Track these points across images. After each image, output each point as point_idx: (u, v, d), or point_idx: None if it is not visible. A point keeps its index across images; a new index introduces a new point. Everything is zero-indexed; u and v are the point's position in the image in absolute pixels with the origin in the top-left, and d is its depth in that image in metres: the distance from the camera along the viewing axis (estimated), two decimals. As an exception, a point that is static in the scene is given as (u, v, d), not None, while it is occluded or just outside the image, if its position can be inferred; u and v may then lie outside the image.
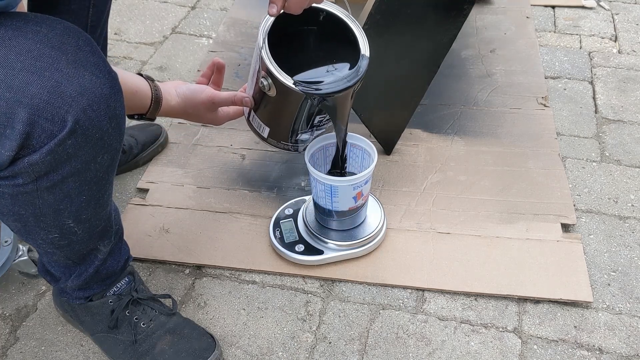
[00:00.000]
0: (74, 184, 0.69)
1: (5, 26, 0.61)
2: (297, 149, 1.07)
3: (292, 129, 1.01)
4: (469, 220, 1.13)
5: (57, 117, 0.61)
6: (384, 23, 1.05)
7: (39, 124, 0.61)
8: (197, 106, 0.98)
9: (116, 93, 0.67)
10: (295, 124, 0.99)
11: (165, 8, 1.80)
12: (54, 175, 0.66)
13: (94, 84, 0.64)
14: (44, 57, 0.61)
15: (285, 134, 1.03)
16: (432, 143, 1.30)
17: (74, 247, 0.80)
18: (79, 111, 0.62)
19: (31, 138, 0.61)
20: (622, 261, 1.07)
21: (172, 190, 1.20)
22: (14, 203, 0.69)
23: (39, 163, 0.63)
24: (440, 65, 1.17)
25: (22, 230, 0.75)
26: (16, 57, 0.60)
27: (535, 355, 0.94)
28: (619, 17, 1.75)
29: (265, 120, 1.02)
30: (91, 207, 0.75)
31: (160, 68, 1.55)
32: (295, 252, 1.04)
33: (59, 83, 0.61)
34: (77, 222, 0.75)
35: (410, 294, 1.02)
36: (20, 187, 0.66)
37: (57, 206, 0.70)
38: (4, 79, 0.59)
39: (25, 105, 0.60)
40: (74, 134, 0.63)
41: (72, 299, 0.90)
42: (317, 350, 0.95)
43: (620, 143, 1.32)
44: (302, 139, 1.04)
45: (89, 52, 0.65)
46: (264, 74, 0.90)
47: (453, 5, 1.09)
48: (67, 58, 0.62)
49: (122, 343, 0.90)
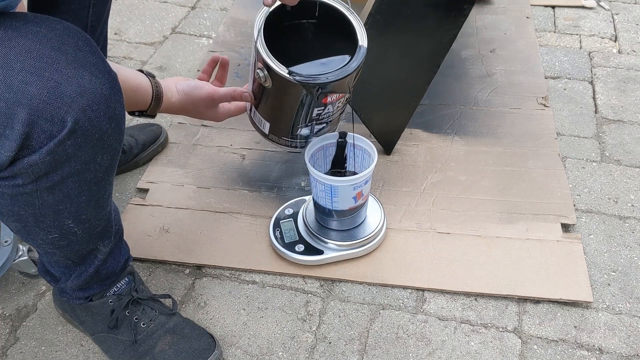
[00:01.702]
0: (74, 185, 0.69)
1: (4, 26, 0.61)
2: (298, 146, 1.06)
3: (292, 123, 1.00)
4: (469, 220, 1.13)
5: (57, 117, 0.61)
6: (384, 23, 1.05)
7: (38, 125, 0.61)
8: (197, 102, 0.97)
9: (116, 93, 0.67)
10: (294, 117, 0.98)
11: (165, 8, 1.80)
12: (54, 175, 0.66)
13: (94, 84, 0.63)
14: (43, 58, 0.61)
15: (285, 129, 1.02)
16: (432, 143, 1.30)
17: (73, 248, 0.80)
18: (79, 111, 0.62)
19: (31, 138, 0.61)
20: (622, 261, 1.07)
21: (172, 190, 1.20)
22: (14, 203, 0.69)
23: (38, 163, 0.63)
24: (440, 65, 1.17)
25: (22, 230, 0.75)
26: (16, 57, 0.60)
27: (535, 355, 0.94)
28: (619, 17, 1.75)
29: (265, 115, 1.02)
30: (91, 207, 0.75)
31: (160, 68, 1.55)
32: (295, 252, 1.04)
33: (59, 83, 0.61)
34: (77, 222, 0.75)
35: (410, 294, 1.02)
36: (20, 188, 0.66)
37: (56, 207, 0.70)
38: (4, 79, 0.59)
39: (25, 105, 0.60)
40: (73, 135, 0.63)
41: (72, 299, 0.90)
42: (317, 350, 0.95)
43: (620, 143, 1.32)
44: (303, 134, 1.03)
45: (89, 52, 0.65)
46: (260, 66, 0.90)
47: (453, 5, 1.09)
48: (66, 58, 0.62)
49: (122, 343, 0.90)
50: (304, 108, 0.95)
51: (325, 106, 0.96)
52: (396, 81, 1.16)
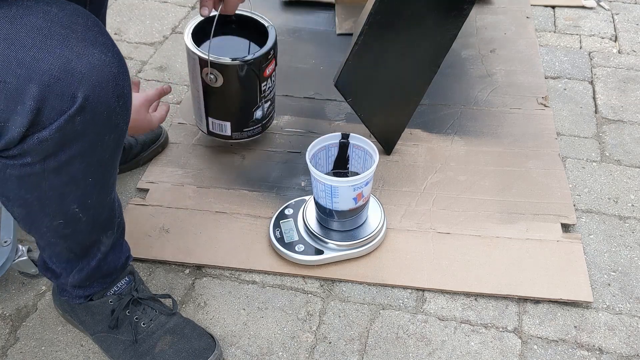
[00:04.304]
0: (81, 165, 0.70)
1: (16, 5, 0.62)
2: (256, 133, 1.23)
3: (248, 108, 1.17)
4: (469, 220, 1.13)
5: (67, 93, 0.62)
6: (384, 23, 1.05)
7: (49, 101, 0.62)
8: (138, 109, 1.06)
9: (124, 73, 0.68)
10: (249, 100, 1.15)
11: (165, 8, 1.80)
12: (62, 154, 0.67)
13: (103, 62, 0.65)
14: (54, 35, 0.62)
15: (244, 119, 1.19)
16: (432, 143, 1.30)
17: (77, 237, 0.80)
18: (89, 88, 0.64)
19: (41, 114, 0.62)
20: (622, 261, 1.07)
21: (172, 190, 1.20)
22: (20, 186, 0.70)
23: (48, 140, 0.64)
24: (440, 65, 1.17)
25: (26, 218, 0.76)
26: (27, 34, 0.61)
27: (535, 355, 0.94)
28: (619, 17, 1.75)
29: (223, 116, 1.18)
30: (96, 192, 0.76)
31: (160, 68, 1.55)
32: (295, 252, 1.04)
33: (69, 60, 0.62)
34: (82, 207, 0.75)
35: (410, 294, 1.02)
36: (28, 168, 0.67)
37: (62, 189, 0.71)
38: (15, 55, 0.60)
39: (36, 81, 0.61)
40: (83, 111, 0.64)
41: (72, 298, 0.90)
42: (317, 350, 0.95)
43: (620, 143, 1.32)
44: (257, 117, 1.19)
45: (98, 32, 0.66)
46: (207, 71, 1.09)
47: (453, 6, 1.09)
48: (76, 36, 0.64)
49: (123, 343, 0.90)
50: (254, 87, 1.13)
51: (267, 79, 1.14)
52: (396, 81, 1.16)
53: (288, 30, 1.66)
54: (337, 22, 1.66)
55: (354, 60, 1.09)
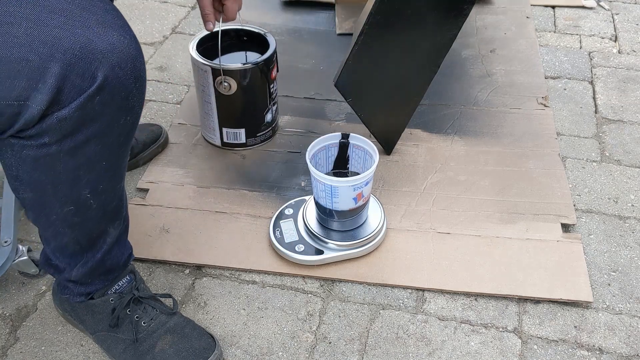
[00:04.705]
0: (96, 147, 0.71)
1: None
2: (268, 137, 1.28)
3: (259, 114, 1.23)
4: (469, 220, 1.13)
5: (88, 72, 0.64)
6: (384, 23, 1.05)
7: (70, 79, 0.63)
8: None
9: (141, 55, 0.70)
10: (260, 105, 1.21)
11: (165, 8, 1.80)
12: (79, 135, 0.68)
13: (122, 43, 0.66)
14: (74, 16, 0.64)
15: (257, 124, 1.25)
16: (432, 143, 1.30)
17: (86, 226, 0.80)
18: (108, 68, 0.65)
19: (62, 93, 0.63)
20: (622, 261, 1.07)
21: (172, 190, 1.20)
22: (36, 167, 0.70)
23: (67, 119, 0.65)
24: (440, 65, 1.17)
25: (37, 203, 0.76)
26: (49, 15, 0.63)
27: (535, 355, 0.94)
28: (619, 17, 1.75)
29: (237, 124, 1.23)
30: (108, 177, 0.77)
31: (160, 68, 1.55)
32: (295, 252, 1.04)
33: (90, 40, 0.63)
34: (93, 193, 0.76)
35: (410, 294, 1.03)
36: (45, 148, 0.67)
37: (76, 172, 0.72)
38: (38, 35, 0.62)
39: (58, 60, 0.62)
40: (102, 91, 0.65)
41: (73, 296, 0.90)
42: (317, 350, 0.95)
43: (620, 143, 1.32)
44: (268, 120, 1.26)
45: (116, 15, 0.68)
46: (220, 80, 1.15)
47: (453, 6, 1.09)
48: (96, 19, 0.65)
49: (123, 342, 0.90)
50: (264, 90, 1.20)
51: (274, 81, 1.21)
52: (396, 81, 1.16)
53: (288, 30, 1.66)
54: (337, 22, 1.66)
55: (354, 61, 1.09)
